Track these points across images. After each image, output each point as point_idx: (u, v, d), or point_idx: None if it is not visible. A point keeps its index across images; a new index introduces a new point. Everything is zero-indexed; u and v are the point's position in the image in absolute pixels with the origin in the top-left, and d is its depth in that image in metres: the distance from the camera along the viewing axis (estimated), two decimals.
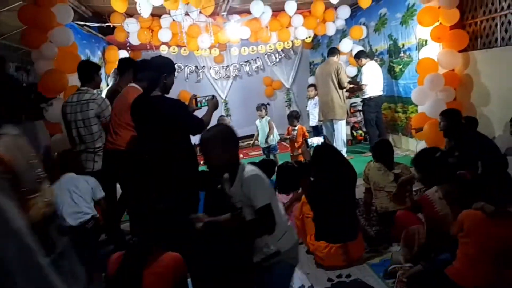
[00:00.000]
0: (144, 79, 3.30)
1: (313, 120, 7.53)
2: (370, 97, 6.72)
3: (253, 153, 8.50)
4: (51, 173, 2.60)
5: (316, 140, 3.76)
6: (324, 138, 3.80)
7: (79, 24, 6.14)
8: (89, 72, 3.83)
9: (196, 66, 10.03)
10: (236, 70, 10.30)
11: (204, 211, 2.36)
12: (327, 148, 3.48)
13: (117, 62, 4.53)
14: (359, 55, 6.88)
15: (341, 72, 6.51)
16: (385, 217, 3.69)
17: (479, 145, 3.83)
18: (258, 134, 6.71)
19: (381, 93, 6.76)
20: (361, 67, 6.85)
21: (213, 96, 3.42)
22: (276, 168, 4.21)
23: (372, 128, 6.85)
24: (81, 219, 3.35)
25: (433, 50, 5.29)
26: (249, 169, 2.28)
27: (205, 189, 3.31)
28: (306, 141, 3.81)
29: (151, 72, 3.16)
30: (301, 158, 6.01)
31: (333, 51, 6.85)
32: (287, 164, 4.34)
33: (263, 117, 6.60)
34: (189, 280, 2.31)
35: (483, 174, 3.22)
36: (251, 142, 6.99)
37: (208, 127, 3.24)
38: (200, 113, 3.28)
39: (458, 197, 2.69)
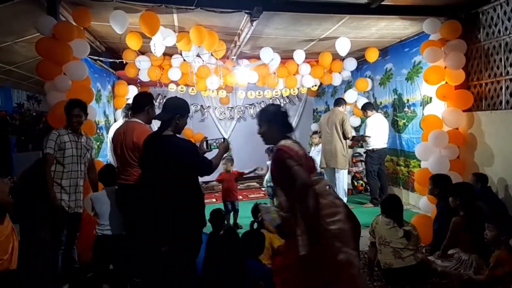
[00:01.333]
0: (157, 118, 3.33)
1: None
2: (373, 149, 6.82)
3: (252, 196, 8.46)
4: None
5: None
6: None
7: (93, 59, 6.27)
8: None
9: (201, 106, 10.18)
10: (241, 112, 10.44)
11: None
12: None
13: (129, 97, 4.55)
14: (365, 107, 7.03)
15: (346, 122, 6.63)
16: (388, 273, 3.64)
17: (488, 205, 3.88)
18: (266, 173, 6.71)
19: (385, 145, 6.84)
20: (367, 118, 6.97)
21: (224, 139, 3.46)
22: None
23: (373, 180, 6.91)
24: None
25: (438, 108, 5.39)
26: None
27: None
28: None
29: (166, 112, 3.21)
30: None
31: (339, 102, 6.99)
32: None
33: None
34: None
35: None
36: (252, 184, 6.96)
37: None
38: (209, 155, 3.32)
39: None
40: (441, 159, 5.17)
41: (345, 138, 6.65)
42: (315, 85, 8.61)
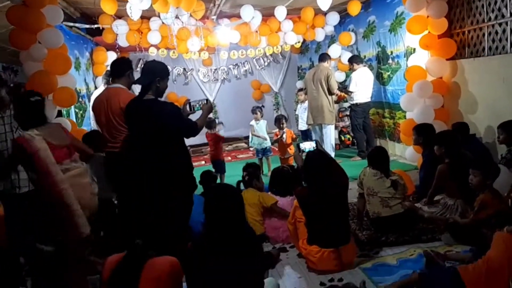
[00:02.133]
0: (137, 82, 3.28)
1: (302, 124, 7.58)
2: (357, 103, 6.84)
3: (241, 156, 8.51)
4: None
5: (308, 145, 3.75)
6: (316, 143, 3.79)
7: (68, 25, 6.07)
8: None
9: (184, 69, 10.01)
10: (225, 73, 10.31)
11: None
12: (320, 153, 3.50)
13: (108, 63, 4.46)
14: (352, 60, 6.99)
15: (331, 78, 6.60)
16: (376, 222, 3.74)
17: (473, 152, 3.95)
18: (252, 135, 6.73)
19: (368, 99, 6.86)
20: (352, 72, 6.95)
21: (207, 100, 3.44)
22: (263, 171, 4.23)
23: (359, 133, 6.98)
24: None
25: (422, 58, 5.37)
26: None
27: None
28: (298, 146, 3.79)
29: (145, 76, 3.17)
30: (291, 161, 6.04)
31: (324, 57, 6.92)
32: (282, 169, 4.36)
33: (258, 120, 6.65)
34: (184, 284, 2.28)
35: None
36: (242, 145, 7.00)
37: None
38: (194, 117, 3.31)
39: None
40: (426, 109, 5.21)
41: (331, 93, 6.64)
42: (298, 42, 8.51)
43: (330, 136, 6.79)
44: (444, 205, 3.81)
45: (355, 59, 6.99)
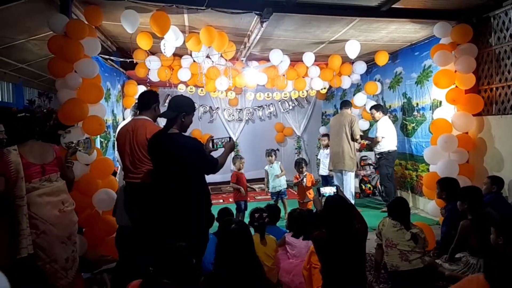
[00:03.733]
0: (163, 116, 3.34)
1: (323, 169, 7.53)
2: (389, 150, 6.72)
3: (259, 197, 8.46)
4: None
5: (328, 190, 3.71)
6: (336, 189, 3.76)
7: (104, 58, 6.33)
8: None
9: (210, 107, 10.22)
10: (249, 114, 10.46)
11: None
12: (340, 199, 3.45)
13: (137, 96, 4.56)
14: (376, 108, 6.99)
15: (355, 124, 6.60)
16: (394, 275, 3.61)
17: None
18: (267, 180, 6.72)
19: (396, 148, 6.80)
20: (376, 121, 6.94)
21: (230, 138, 3.47)
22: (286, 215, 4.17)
23: (390, 183, 6.78)
24: None
25: (448, 112, 5.36)
26: None
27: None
28: (319, 190, 3.76)
29: (171, 110, 3.23)
30: (309, 206, 5.98)
31: (346, 103, 6.98)
32: (296, 211, 4.31)
33: (272, 162, 6.66)
34: None
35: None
36: (261, 186, 6.99)
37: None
38: (215, 154, 3.34)
39: None
40: (450, 163, 5.13)
41: (354, 140, 6.62)
42: (324, 88, 8.60)
43: (350, 183, 6.70)
44: (466, 263, 3.66)
45: (377, 108, 7.00)
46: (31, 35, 5.64)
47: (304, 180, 6.24)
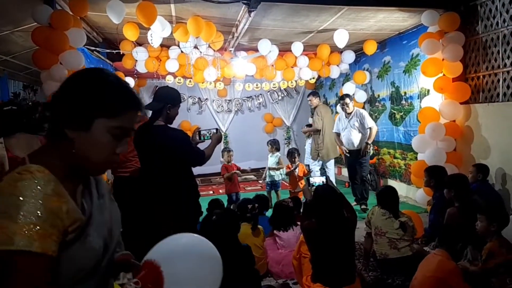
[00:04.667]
0: (148, 107, 3.31)
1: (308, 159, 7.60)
2: None
3: (249, 188, 8.47)
4: None
5: (318, 180, 3.74)
6: (326, 178, 3.78)
7: (90, 49, 6.24)
8: None
9: (199, 98, 10.17)
10: (239, 105, 10.43)
11: None
12: (330, 189, 3.46)
13: None
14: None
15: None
16: (383, 263, 3.65)
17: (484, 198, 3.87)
18: (267, 169, 6.80)
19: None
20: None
21: (217, 129, 3.45)
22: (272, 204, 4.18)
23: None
24: None
25: (435, 100, 5.39)
26: None
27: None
28: (308, 180, 3.78)
29: (156, 101, 3.20)
30: (300, 196, 6.00)
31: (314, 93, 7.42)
32: (281, 203, 4.32)
33: (271, 153, 6.72)
34: None
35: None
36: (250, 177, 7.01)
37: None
38: (203, 146, 3.32)
39: None
40: (438, 152, 5.17)
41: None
42: (313, 78, 8.60)
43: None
44: None
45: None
46: (16, 26, 5.51)
47: (296, 170, 6.26)
